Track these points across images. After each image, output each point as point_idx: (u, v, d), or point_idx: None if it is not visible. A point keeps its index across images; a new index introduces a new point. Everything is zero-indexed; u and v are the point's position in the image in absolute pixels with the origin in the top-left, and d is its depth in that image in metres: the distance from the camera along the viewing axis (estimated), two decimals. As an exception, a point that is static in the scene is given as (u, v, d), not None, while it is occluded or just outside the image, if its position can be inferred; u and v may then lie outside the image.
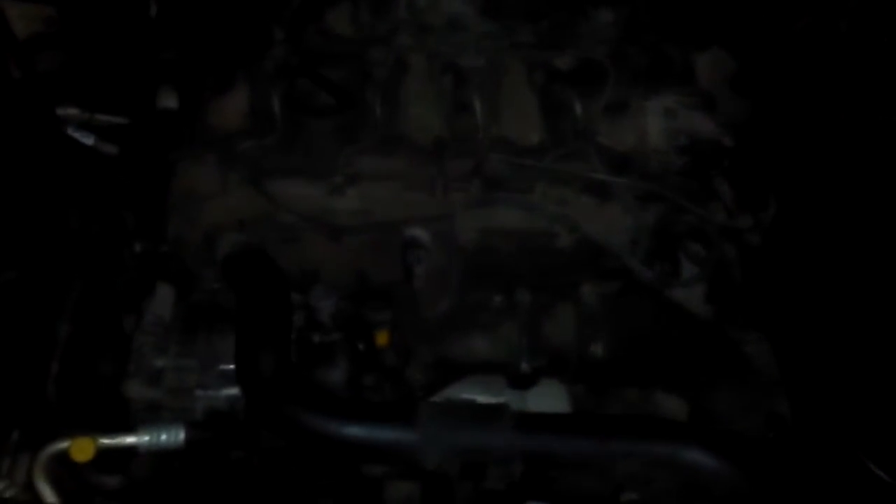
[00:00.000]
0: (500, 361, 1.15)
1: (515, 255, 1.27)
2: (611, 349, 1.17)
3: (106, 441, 0.92)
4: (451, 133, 1.29)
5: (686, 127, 1.37)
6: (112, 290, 1.22)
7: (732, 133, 1.37)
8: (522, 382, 1.19)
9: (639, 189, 1.30)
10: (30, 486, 0.88)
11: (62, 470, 1.06)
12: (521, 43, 1.41)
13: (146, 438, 0.94)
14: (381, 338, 1.13)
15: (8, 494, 0.87)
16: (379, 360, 1.15)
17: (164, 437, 0.94)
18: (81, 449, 0.89)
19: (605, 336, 1.17)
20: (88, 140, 1.37)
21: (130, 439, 0.94)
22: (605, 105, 1.34)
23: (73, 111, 1.37)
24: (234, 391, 1.07)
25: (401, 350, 1.16)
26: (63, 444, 0.90)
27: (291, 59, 1.30)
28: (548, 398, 1.15)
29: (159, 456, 0.95)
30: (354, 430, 0.93)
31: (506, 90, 1.34)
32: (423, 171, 1.26)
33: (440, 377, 1.17)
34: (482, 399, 1.12)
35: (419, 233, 1.23)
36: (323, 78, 1.28)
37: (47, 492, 0.86)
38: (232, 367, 1.07)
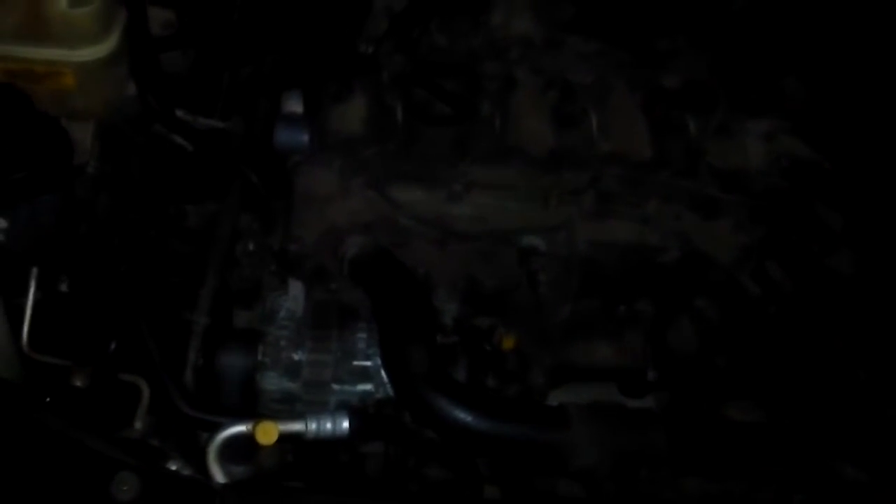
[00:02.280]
0: (623, 368, 1.16)
1: (625, 267, 1.30)
2: (731, 361, 1.18)
3: (281, 427, 0.92)
4: (564, 146, 1.32)
5: (786, 150, 1.41)
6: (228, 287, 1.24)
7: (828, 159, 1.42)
8: (638, 391, 1.20)
9: (747, 207, 1.33)
10: (201, 466, 0.88)
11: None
12: (621, 61, 1.46)
13: (313, 426, 0.94)
14: (507, 342, 1.14)
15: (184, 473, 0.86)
16: (501, 363, 1.17)
17: (328, 425, 0.95)
18: (266, 432, 0.89)
19: (725, 347, 1.18)
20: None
21: (298, 426, 0.94)
22: (715, 125, 1.38)
23: (178, 112, 1.40)
24: (367, 387, 1.09)
25: (522, 355, 1.17)
26: (237, 428, 0.90)
27: (407, 69, 1.34)
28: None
29: (323, 443, 0.95)
30: (509, 428, 0.94)
31: (614, 106, 1.37)
32: (537, 182, 1.28)
33: (559, 382, 1.19)
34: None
35: (537, 241, 1.25)
36: (440, 88, 1.32)
37: (219, 473, 0.86)
38: (366, 363, 1.10)
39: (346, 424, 0.95)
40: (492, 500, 1.07)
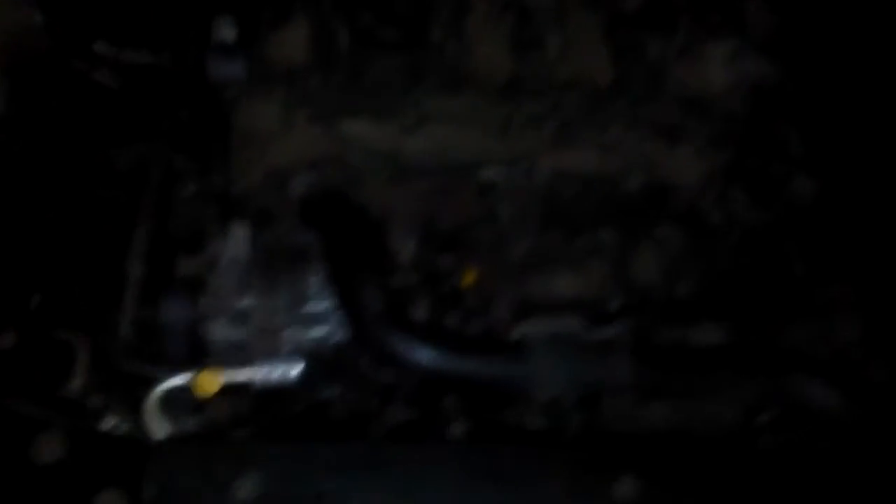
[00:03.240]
0: (586, 300, 1.13)
1: (585, 197, 1.25)
2: (695, 289, 1.16)
3: (223, 376, 0.85)
4: (522, 71, 1.25)
5: (748, 73, 1.37)
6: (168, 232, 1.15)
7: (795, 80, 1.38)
8: (602, 321, 1.17)
9: (709, 132, 1.29)
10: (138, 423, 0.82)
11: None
12: (581, -17, 1.38)
13: (261, 374, 0.89)
14: (468, 278, 1.09)
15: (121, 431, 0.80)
16: (462, 301, 1.12)
17: (277, 372, 0.89)
18: (207, 382, 0.83)
19: (690, 275, 1.16)
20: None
21: (244, 374, 0.88)
22: (677, 47, 1.32)
23: (100, 46, 1.28)
24: (321, 332, 1.02)
25: (484, 290, 1.12)
26: (176, 380, 0.84)
27: (352, -9, 1.24)
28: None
29: (275, 392, 0.89)
30: (469, 364, 0.90)
31: (572, 30, 1.30)
32: (495, 111, 1.21)
33: (523, 317, 1.15)
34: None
35: (496, 174, 1.19)
36: (388, 10, 1.22)
37: (159, 428, 0.80)
38: (318, 307, 1.03)
39: (296, 370, 0.90)
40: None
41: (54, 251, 1.01)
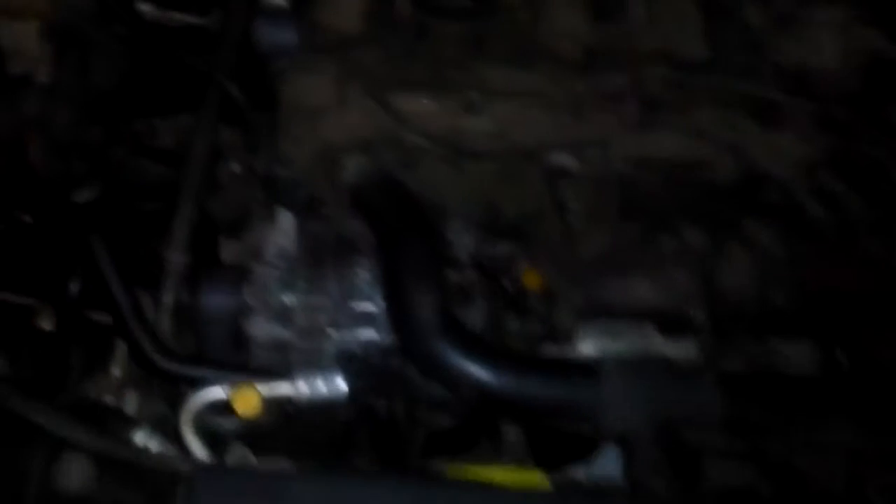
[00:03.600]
0: (666, 309, 1.01)
1: (667, 187, 1.12)
2: (792, 298, 1.03)
3: (264, 391, 0.79)
4: (602, 44, 1.11)
5: (862, 45, 1.19)
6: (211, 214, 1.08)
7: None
8: (680, 331, 1.06)
9: (814, 114, 1.14)
10: (175, 436, 0.76)
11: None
12: (670, -60, 1.23)
13: (305, 389, 0.81)
14: (531, 279, 0.99)
15: (152, 446, 0.74)
16: (523, 303, 1.02)
17: (322, 386, 0.82)
18: (246, 400, 0.76)
19: (786, 283, 1.03)
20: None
21: (288, 388, 0.81)
22: (777, 15, 1.17)
23: (146, 7, 1.20)
24: (370, 333, 0.94)
25: (548, 292, 1.02)
26: (214, 394, 0.78)
27: (415, -49, 1.12)
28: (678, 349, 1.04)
29: (318, 406, 0.83)
30: (532, 386, 0.81)
31: (662, -6, 1.16)
32: (569, 87, 1.08)
33: (590, 326, 1.04)
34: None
35: (568, 160, 1.07)
36: (455, -27, 1.10)
37: (195, 444, 0.74)
38: (367, 306, 0.94)
39: (342, 385, 0.82)
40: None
41: (93, 229, 0.95)
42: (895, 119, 1.18)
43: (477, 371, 0.84)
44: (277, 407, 0.90)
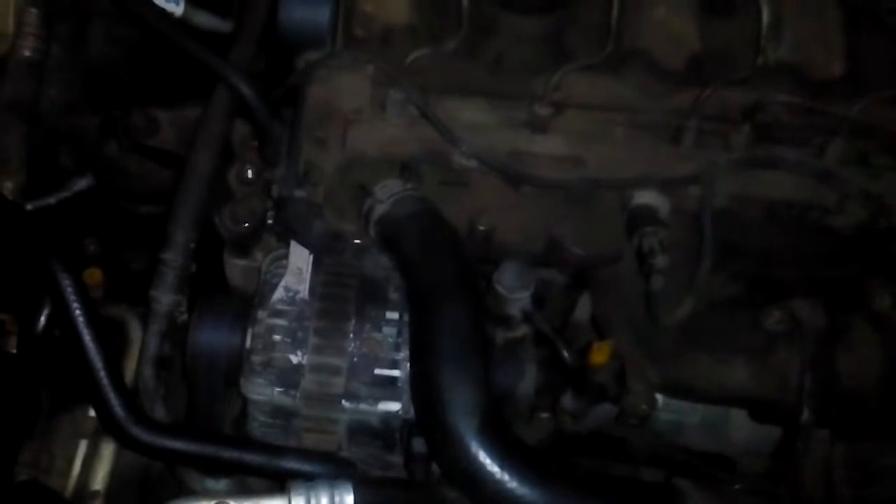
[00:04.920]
0: (766, 401, 0.81)
1: (773, 235, 0.91)
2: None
3: None
4: (712, 50, 0.89)
5: None
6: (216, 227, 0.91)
7: None
8: (777, 422, 0.86)
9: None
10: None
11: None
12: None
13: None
14: (600, 354, 0.80)
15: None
16: (585, 377, 0.83)
17: (324, 502, 0.64)
18: None
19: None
20: (177, 8, 1.01)
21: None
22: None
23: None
24: (393, 406, 0.76)
25: (619, 367, 0.83)
26: None
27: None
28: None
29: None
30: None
31: (792, -7, 0.92)
32: (668, 105, 0.87)
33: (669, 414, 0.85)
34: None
35: (657, 200, 0.86)
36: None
37: None
38: (391, 373, 0.77)
39: (349, 501, 0.65)
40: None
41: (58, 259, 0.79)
42: None
43: (522, 491, 0.65)
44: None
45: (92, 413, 0.88)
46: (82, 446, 0.90)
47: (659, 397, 0.88)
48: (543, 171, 0.87)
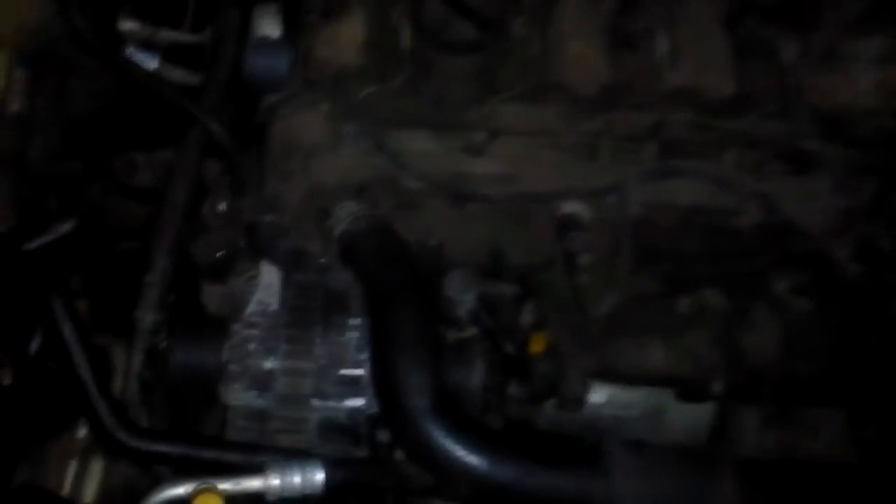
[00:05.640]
0: (683, 378, 0.93)
1: (685, 238, 1.03)
2: (820, 366, 0.94)
3: (228, 487, 0.72)
4: (621, 80, 1.01)
5: (902, 81, 1.10)
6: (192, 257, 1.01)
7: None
8: (698, 399, 0.98)
9: (851, 160, 1.04)
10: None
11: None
12: (697, -37, 1.13)
13: (276, 482, 0.74)
14: (537, 344, 0.91)
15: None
16: (527, 366, 0.94)
17: (297, 479, 0.74)
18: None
19: (817, 350, 0.94)
20: (152, 62, 1.12)
21: (258, 482, 0.74)
22: (813, 50, 1.07)
23: (132, 25, 1.13)
24: (357, 402, 0.87)
25: (555, 355, 0.94)
26: (174, 491, 0.71)
27: (418, -25, 1.04)
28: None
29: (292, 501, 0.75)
30: (535, 478, 0.73)
31: (688, 24, 1.05)
32: (584, 128, 1.00)
33: (600, 394, 0.96)
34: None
35: (580, 208, 0.98)
36: (461, 2, 1.01)
37: None
38: (355, 372, 0.87)
39: (319, 477, 0.75)
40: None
41: (53, 285, 0.88)
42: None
43: (471, 459, 0.76)
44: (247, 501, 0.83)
45: (80, 435, 0.97)
46: (72, 465, 0.98)
47: (602, 397, 1.01)
48: (482, 189, 1.00)
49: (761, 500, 0.78)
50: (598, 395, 0.99)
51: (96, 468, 0.94)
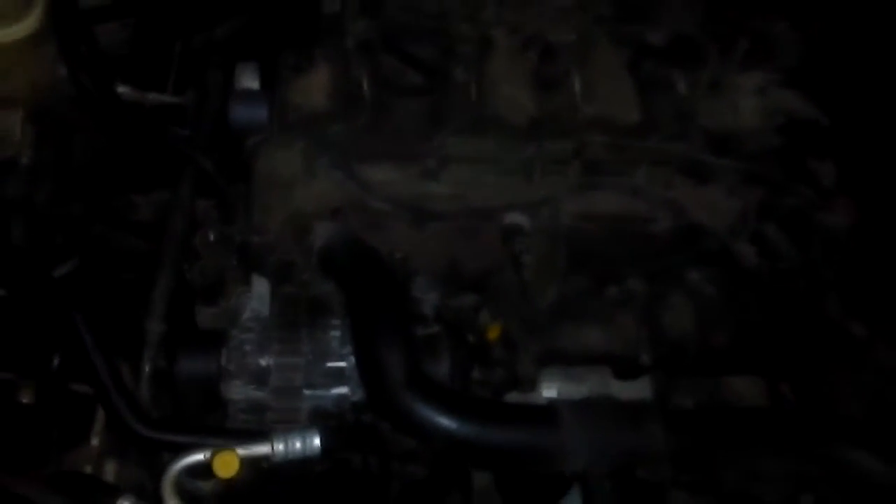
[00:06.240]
0: (616, 353, 1.10)
1: (611, 240, 1.22)
2: (730, 338, 1.12)
3: (242, 452, 0.84)
4: (546, 113, 1.21)
5: (780, 105, 1.32)
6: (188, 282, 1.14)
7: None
8: (632, 374, 1.14)
9: (741, 170, 1.25)
10: (154, 499, 0.80)
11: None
12: (603, 16, 1.35)
13: (281, 447, 0.87)
14: (493, 331, 1.07)
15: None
16: (487, 354, 1.09)
17: (298, 444, 0.87)
18: (226, 463, 0.81)
19: (724, 324, 1.12)
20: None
21: (264, 448, 0.86)
22: (703, 83, 1.29)
23: (124, 89, 1.28)
24: (342, 390, 1.00)
25: (509, 342, 1.10)
26: (194, 457, 0.82)
27: (374, 35, 1.22)
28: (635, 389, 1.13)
29: (294, 463, 0.88)
30: (497, 434, 0.87)
31: (598, 66, 1.27)
32: (518, 153, 1.18)
33: (549, 372, 1.11)
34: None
35: (520, 219, 1.16)
36: (410, 55, 1.21)
37: None
38: (340, 364, 1.01)
39: (317, 442, 0.88)
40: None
41: (72, 304, 1.00)
42: (813, 171, 1.32)
43: (443, 421, 0.90)
44: (255, 465, 0.95)
45: (94, 443, 1.07)
46: (87, 471, 1.08)
47: (552, 392, 1.16)
48: (438, 208, 1.17)
49: (686, 439, 0.92)
50: (549, 390, 1.15)
51: (109, 472, 1.03)
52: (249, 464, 0.88)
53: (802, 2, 1.41)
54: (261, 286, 1.04)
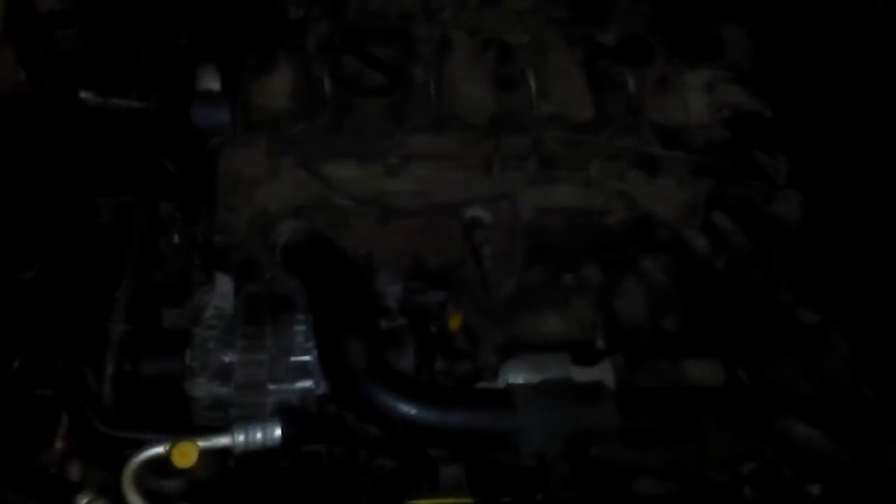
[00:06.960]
0: (573, 340, 1.14)
1: (568, 232, 1.26)
2: (681, 322, 1.17)
3: (202, 443, 0.86)
4: (503, 111, 1.25)
5: (727, 100, 1.38)
6: (154, 284, 1.15)
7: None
8: (591, 359, 1.18)
9: (690, 162, 1.30)
10: (117, 496, 0.81)
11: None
12: (558, 18, 1.40)
13: (241, 438, 0.88)
14: (454, 322, 1.10)
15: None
16: (449, 344, 1.12)
17: (259, 435, 0.88)
18: (184, 454, 0.83)
19: (675, 309, 1.16)
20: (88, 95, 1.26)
21: (225, 440, 0.87)
22: (652, 80, 1.34)
23: (87, 94, 1.29)
24: (307, 384, 1.02)
25: (471, 333, 1.13)
26: (153, 451, 0.84)
27: (335, 37, 1.25)
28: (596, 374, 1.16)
29: (254, 454, 0.89)
30: (455, 418, 0.90)
31: (552, 66, 1.31)
32: (478, 150, 1.22)
33: (510, 358, 1.15)
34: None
35: (481, 213, 1.20)
36: (371, 56, 1.24)
37: (138, 502, 0.79)
38: (304, 358, 1.03)
39: (277, 432, 0.89)
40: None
41: (37, 307, 1.01)
42: (760, 162, 1.38)
43: (405, 408, 0.93)
44: (217, 459, 0.96)
45: (58, 446, 1.06)
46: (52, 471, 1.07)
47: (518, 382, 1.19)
48: (401, 204, 1.20)
49: (637, 416, 0.97)
50: (514, 380, 1.18)
51: (74, 473, 1.02)
52: (213, 458, 0.89)
53: (749, 3, 1.49)
54: (224, 284, 1.06)
